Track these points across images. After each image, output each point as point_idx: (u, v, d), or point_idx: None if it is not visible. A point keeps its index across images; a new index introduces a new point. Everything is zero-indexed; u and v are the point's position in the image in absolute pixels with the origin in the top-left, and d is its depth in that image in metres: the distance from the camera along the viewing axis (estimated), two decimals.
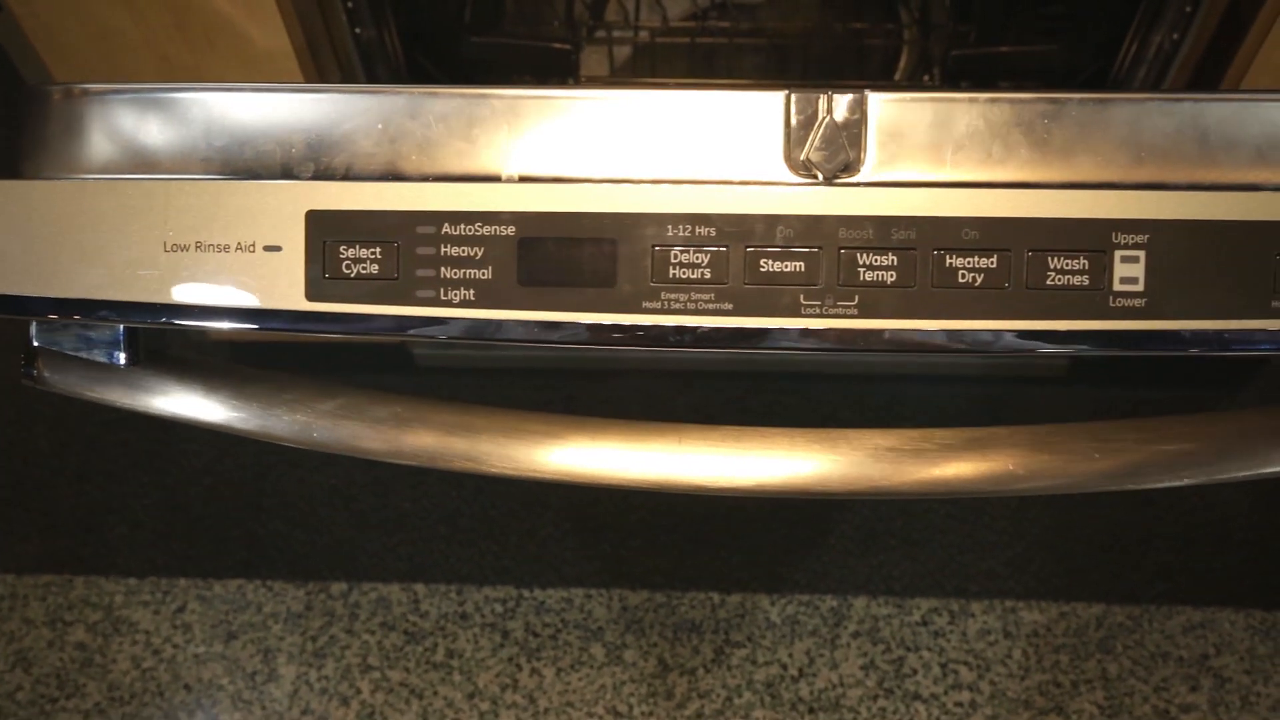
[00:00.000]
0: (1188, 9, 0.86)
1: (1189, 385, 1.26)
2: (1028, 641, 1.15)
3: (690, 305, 0.39)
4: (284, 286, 0.40)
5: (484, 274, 0.39)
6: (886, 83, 1.04)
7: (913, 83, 1.06)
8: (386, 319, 0.40)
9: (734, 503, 1.21)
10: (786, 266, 0.39)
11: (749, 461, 0.46)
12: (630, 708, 1.13)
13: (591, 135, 0.40)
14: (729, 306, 0.39)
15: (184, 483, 1.22)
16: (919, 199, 0.39)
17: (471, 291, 0.39)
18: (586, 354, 1.25)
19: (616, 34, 1.08)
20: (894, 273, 0.38)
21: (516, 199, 0.39)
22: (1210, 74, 0.88)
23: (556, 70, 1.00)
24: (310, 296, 0.40)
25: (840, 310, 0.39)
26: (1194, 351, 0.38)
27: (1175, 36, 0.89)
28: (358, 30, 0.92)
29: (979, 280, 0.38)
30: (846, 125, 0.40)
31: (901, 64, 1.11)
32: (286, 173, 0.40)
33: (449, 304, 0.39)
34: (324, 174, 0.41)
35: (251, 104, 0.41)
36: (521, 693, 1.14)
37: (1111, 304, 0.38)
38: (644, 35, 1.12)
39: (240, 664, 1.15)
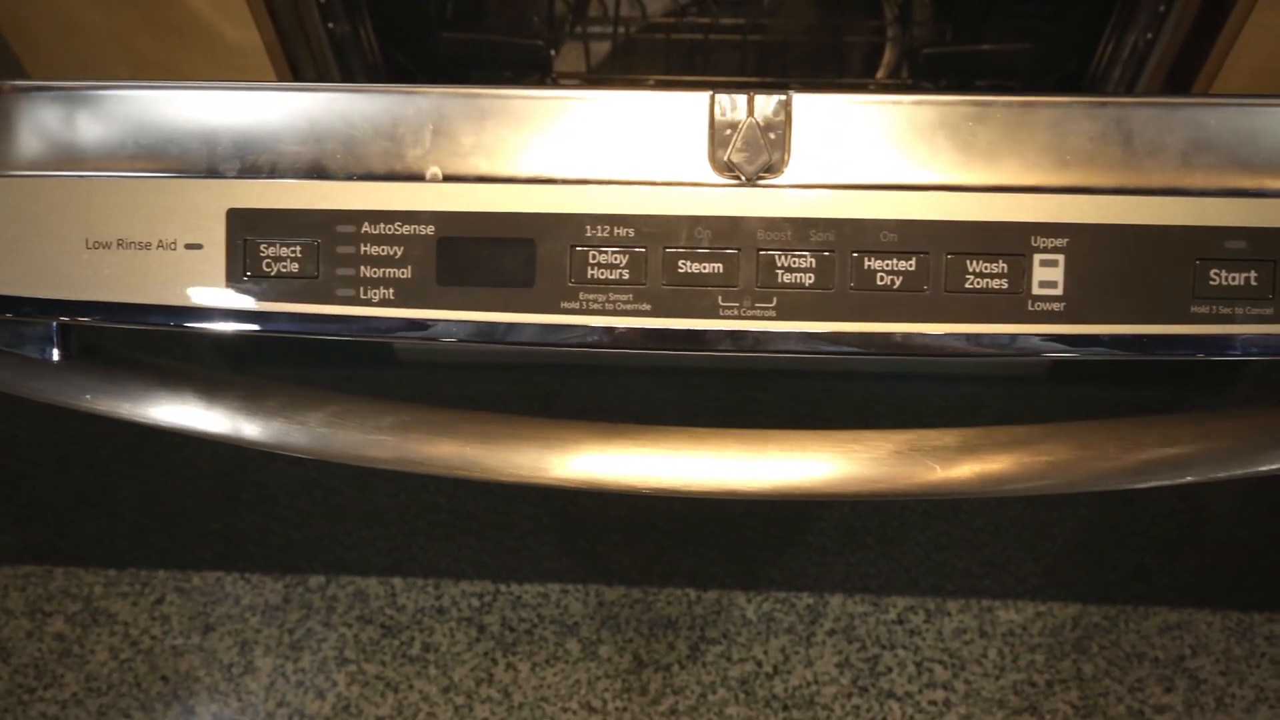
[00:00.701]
0: (1161, 9, 0.86)
1: (1171, 387, 1.25)
2: (1003, 641, 1.15)
3: (608, 306, 0.39)
4: (205, 284, 0.40)
5: (403, 273, 0.39)
6: (854, 81, 1.04)
7: (896, 81, 1.05)
8: (306, 317, 0.40)
9: (712, 501, 1.21)
10: (705, 268, 0.39)
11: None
12: (604, 703, 1.13)
13: (515, 135, 0.40)
14: (647, 307, 0.39)
15: (164, 475, 1.22)
16: (839, 201, 0.38)
17: (391, 291, 0.39)
18: (566, 351, 1.25)
19: (593, 30, 1.07)
20: (812, 275, 0.38)
21: (436, 199, 0.39)
22: (1185, 74, 0.88)
23: (531, 67, 1.00)
24: (231, 294, 0.40)
25: (759, 312, 0.39)
26: (1113, 355, 0.38)
27: (1149, 36, 0.88)
28: (331, 25, 0.92)
29: (897, 283, 0.38)
30: (771, 126, 0.40)
31: (885, 62, 1.11)
32: (212, 171, 0.40)
33: (368, 303, 0.39)
34: (249, 172, 0.41)
35: (177, 102, 0.41)
36: (497, 687, 1.14)
37: (1030, 307, 0.38)
38: (622, 31, 1.11)
39: (217, 656, 1.16)
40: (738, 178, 0.40)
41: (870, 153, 0.39)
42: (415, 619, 1.18)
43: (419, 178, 0.40)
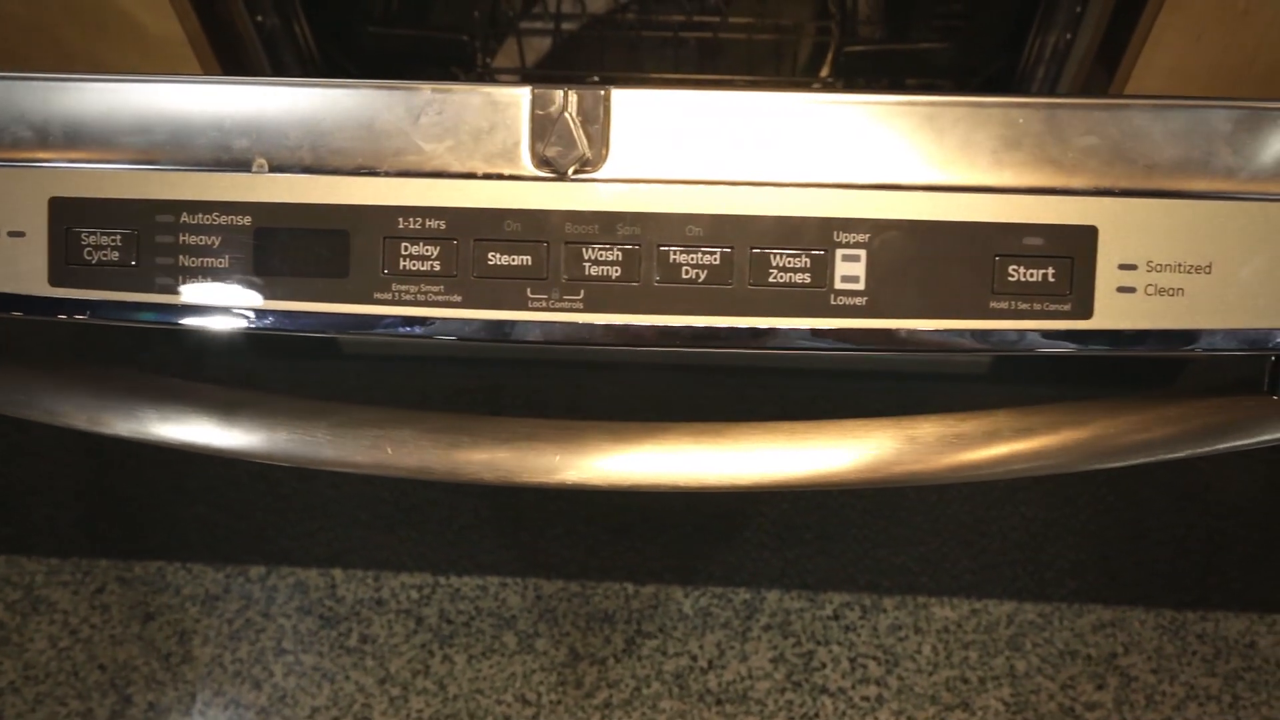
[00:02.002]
0: (1078, 9, 0.86)
1: (1114, 382, 1.26)
2: (938, 637, 1.16)
3: (420, 297, 0.39)
4: (27, 272, 0.40)
5: (221, 263, 0.40)
6: (793, 80, 1.04)
7: (829, 80, 1.06)
8: (127, 306, 0.40)
9: (653, 495, 1.22)
10: (514, 260, 0.39)
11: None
12: (539, 696, 1.14)
13: (338, 128, 0.41)
14: (458, 298, 0.39)
15: (109, 465, 1.23)
16: (647, 195, 0.39)
17: (209, 280, 0.40)
18: (508, 346, 1.25)
19: (536, 26, 1.08)
20: (619, 268, 0.39)
21: (254, 190, 0.40)
22: (1103, 74, 0.88)
23: (461, 63, 1.00)
24: (53, 282, 0.40)
25: (566, 304, 0.39)
26: (914, 351, 0.39)
27: (1069, 36, 0.89)
28: (259, 19, 0.92)
29: (702, 277, 0.39)
30: (588, 121, 0.40)
31: (829, 60, 1.11)
32: (35, 158, 0.41)
33: (187, 291, 0.40)
34: (77, 160, 0.41)
35: (5, 91, 0.41)
36: (432, 679, 1.15)
37: (833, 302, 0.39)
38: (563, 28, 1.12)
39: (156, 645, 1.16)
40: (553, 172, 0.40)
41: (684, 148, 0.40)
42: (354, 610, 1.18)
43: (245, 168, 0.41)
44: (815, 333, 0.39)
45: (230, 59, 0.90)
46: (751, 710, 1.13)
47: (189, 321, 0.40)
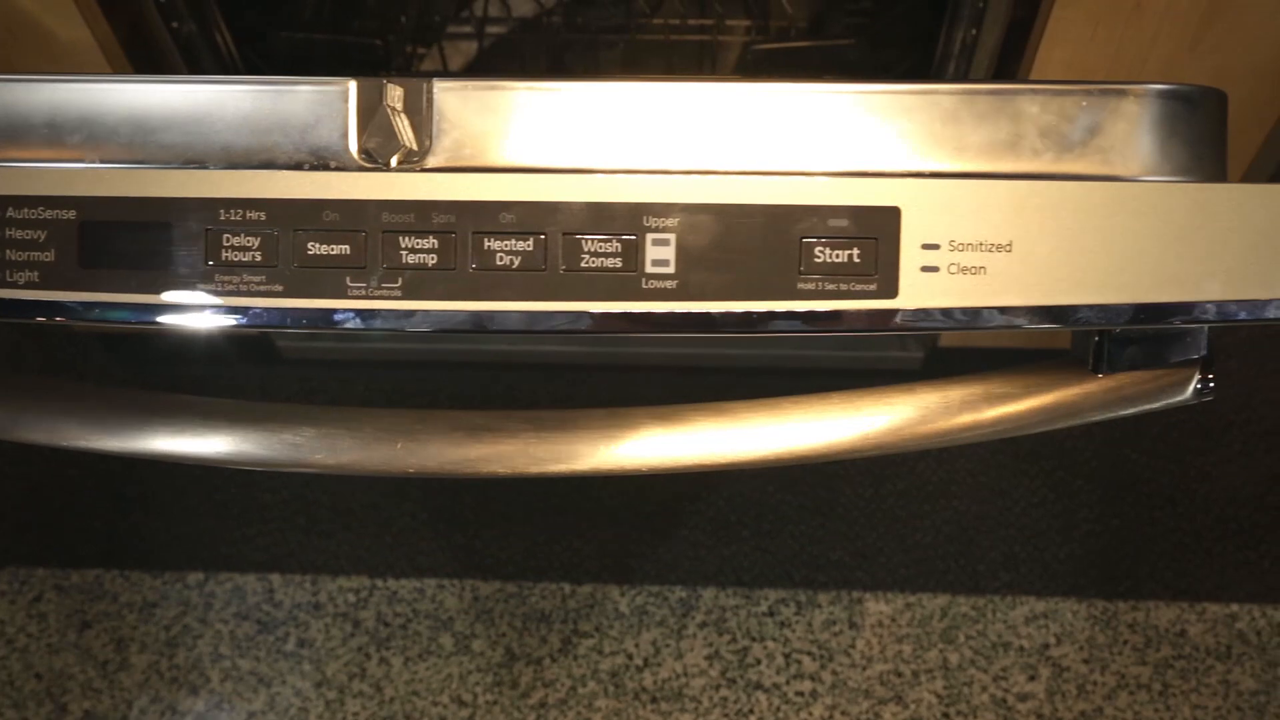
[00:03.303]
0: (980, 4, 0.87)
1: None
2: (872, 632, 1.17)
3: (243, 287, 0.40)
4: None
5: (47, 256, 0.40)
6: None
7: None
8: None
9: (589, 493, 1.22)
10: (333, 250, 0.40)
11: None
12: (475, 697, 1.14)
13: (167, 124, 0.41)
14: (279, 288, 0.40)
15: (47, 474, 1.23)
16: (462, 184, 0.40)
17: (35, 273, 0.40)
18: (449, 348, 1.26)
19: (452, 30, 1.09)
20: (435, 255, 0.40)
21: (78, 184, 0.41)
22: (1008, 67, 0.90)
23: (376, 67, 1.01)
24: None
25: (385, 292, 0.40)
26: (725, 333, 0.40)
27: (974, 31, 0.90)
28: (175, 25, 0.92)
29: (516, 263, 0.40)
30: (409, 113, 0.41)
31: (735, 59, 1.12)
32: None
33: (14, 285, 0.41)
34: None
35: None
36: (369, 682, 1.15)
37: (644, 286, 0.40)
38: (495, 29, 1.13)
39: (92, 653, 1.17)
40: (376, 163, 0.41)
41: (503, 138, 0.41)
42: (291, 615, 1.19)
43: (79, 161, 0.41)
44: (628, 316, 0.40)
45: (146, 65, 0.91)
46: (686, 708, 1.13)
47: (14, 318, 0.41)
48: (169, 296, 0.40)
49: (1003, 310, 0.39)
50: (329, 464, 0.49)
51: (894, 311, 0.39)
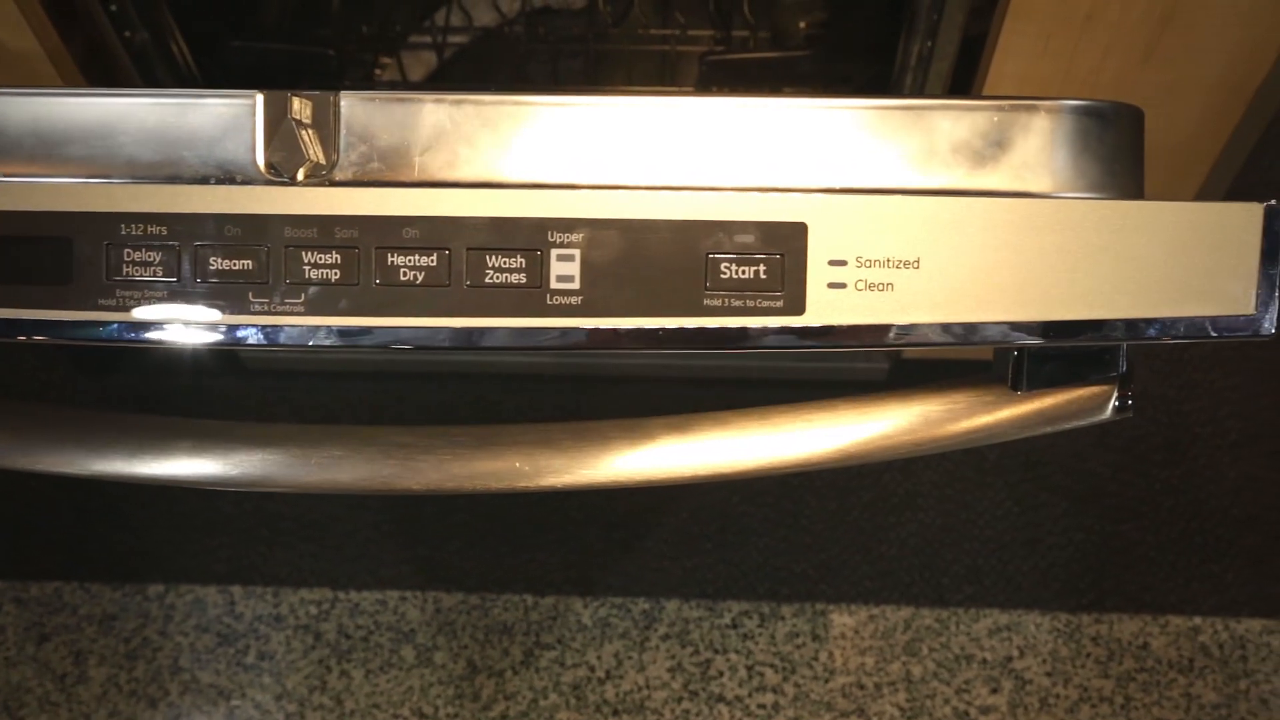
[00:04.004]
0: (935, 16, 0.87)
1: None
2: (835, 644, 1.16)
3: (145, 302, 0.40)
4: None
5: None
6: (672, 90, 1.05)
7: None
8: None
9: (552, 505, 1.22)
10: (235, 264, 0.39)
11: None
12: (436, 709, 1.13)
13: (71, 137, 0.41)
14: (181, 304, 0.40)
15: (7, 485, 1.22)
16: (366, 199, 0.39)
17: None
18: (416, 358, 1.26)
19: (414, 39, 1.08)
20: (338, 271, 0.39)
21: None
22: (964, 82, 0.90)
23: (325, 77, 1.01)
24: None
25: (288, 308, 0.39)
26: (632, 349, 0.39)
27: (929, 44, 0.90)
28: (128, 34, 0.92)
29: (420, 278, 0.39)
30: (316, 126, 0.41)
31: (695, 71, 1.12)
32: None
33: None
34: None
35: None
36: (329, 695, 1.14)
37: (549, 302, 0.39)
38: (457, 39, 1.12)
39: (51, 666, 1.16)
40: (281, 177, 0.40)
41: (409, 152, 0.40)
42: (252, 627, 1.18)
43: None
44: (532, 332, 0.39)
45: (99, 75, 0.90)
46: (648, 719, 1.13)
47: None
48: (69, 313, 0.40)
49: (910, 328, 0.39)
50: (298, 484, 0.48)
51: (801, 329, 0.39)
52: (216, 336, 0.40)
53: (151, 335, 0.40)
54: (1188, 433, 1.20)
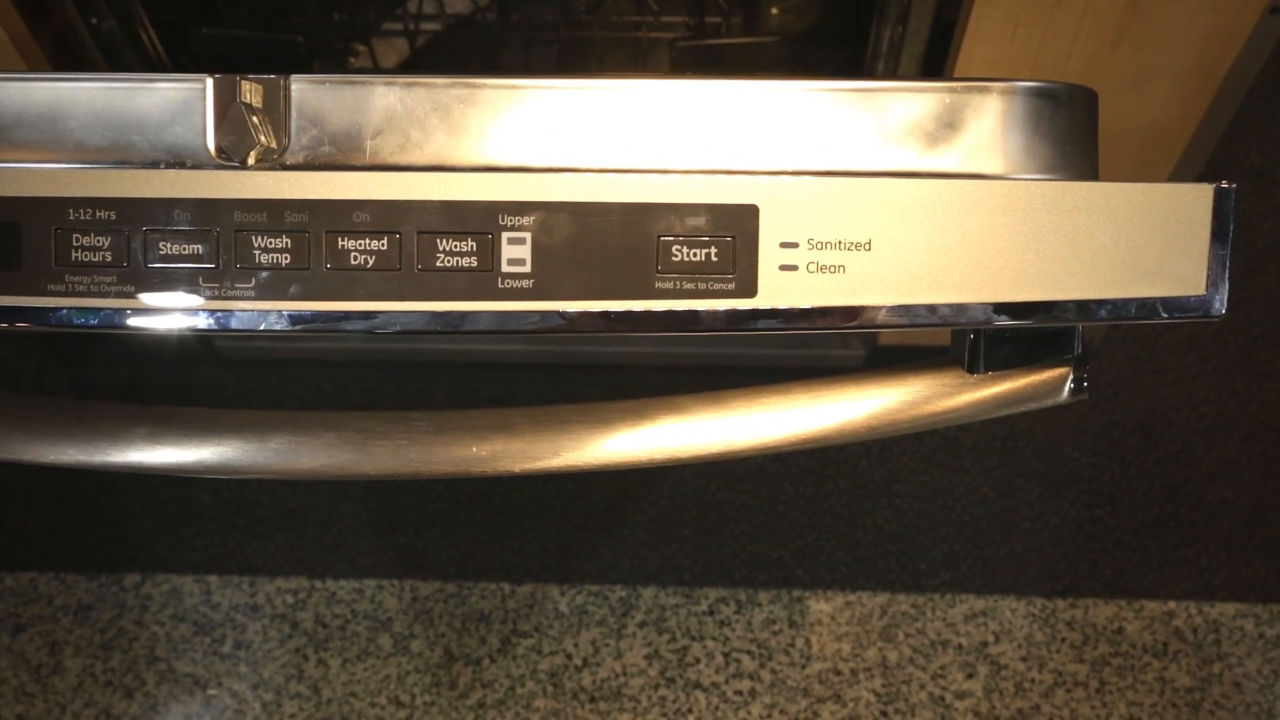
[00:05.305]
0: (905, 2, 0.87)
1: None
2: (811, 630, 1.16)
3: (93, 288, 0.39)
4: None
5: None
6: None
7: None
8: None
9: (530, 492, 1.22)
10: (185, 249, 0.39)
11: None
12: (413, 698, 1.13)
13: (19, 121, 0.41)
14: (131, 289, 0.39)
15: None
16: (316, 182, 0.39)
17: None
18: (376, 344, 1.25)
19: (387, 27, 1.08)
20: (288, 255, 0.39)
21: None
22: (935, 67, 0.89)
23: (304, 65, 1.00)
24: None
25: (239, 292, 0.39)
26: (583, 331, 0.39)
27: (900, 29, 0.90)
28: (94, 21, 0.91)
29: (370, 262, 0.39)
30: (267, 110, 0.40)
31: (667, 57, 1.11)
32: None
33: None
34: None
35: None
36: (306, 683, 1.14)
37: (501, 285, 0.39)
38: (430, 26, 1.12)
39: (26, 657, 1.15)
40: (231, 161, 0.40)
41: (364, 135, 0.40)
42: (229, 616, 1.18)
43: None
44: (484, 315, 0.39)
45: (65, 62, 0.90)
46: (625, 707, 1.13)
47: None
48: (18, 299, 0.40)
49: (862, 309, 0.39)
50: (254, 469, 0.48)
51: (753, 312, 0.39)
52: (167, 322, 0.40)
53: (101, 321, 0.40)
54: (1162, 418, 1.21)
